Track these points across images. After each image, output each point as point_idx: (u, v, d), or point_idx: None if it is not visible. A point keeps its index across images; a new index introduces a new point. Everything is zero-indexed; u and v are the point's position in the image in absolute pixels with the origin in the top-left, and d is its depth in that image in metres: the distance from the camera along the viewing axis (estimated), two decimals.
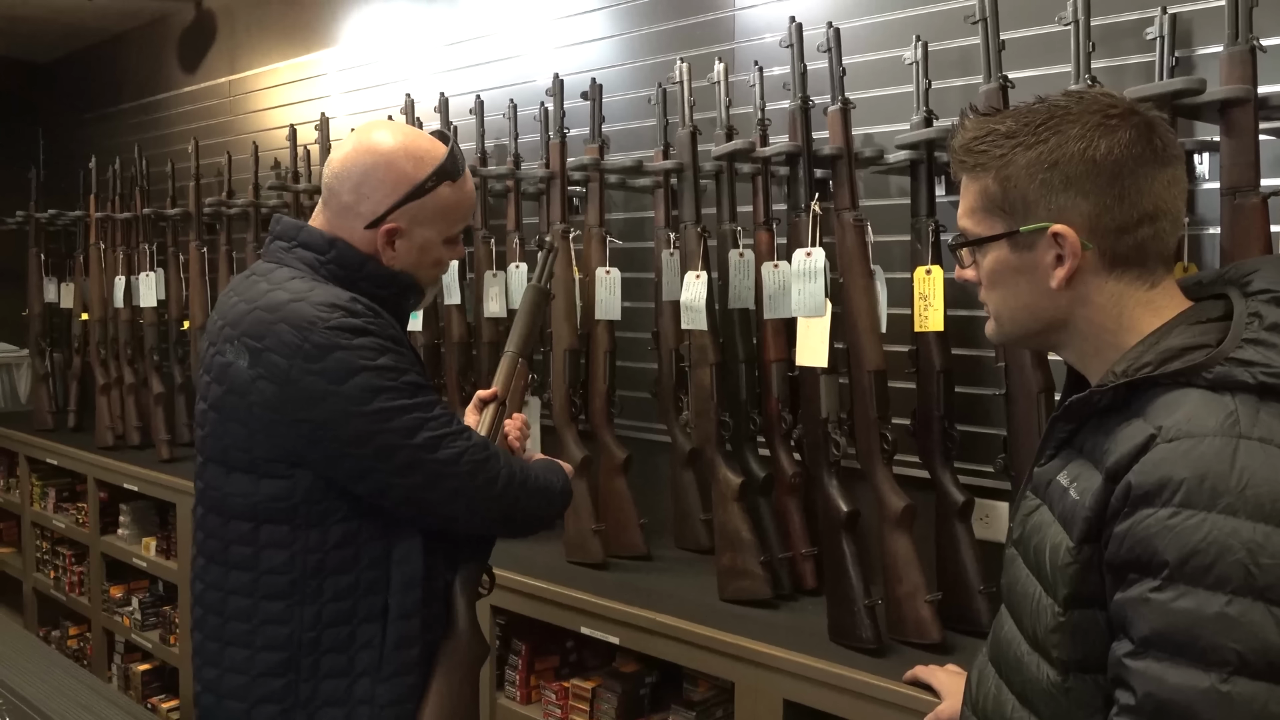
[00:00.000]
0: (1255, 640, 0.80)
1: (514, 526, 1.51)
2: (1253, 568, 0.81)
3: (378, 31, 3.37)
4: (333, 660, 1.36)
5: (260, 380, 1.31)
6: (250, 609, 1.36)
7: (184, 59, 4.27)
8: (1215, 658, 0.81)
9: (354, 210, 1.40)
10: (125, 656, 3.69)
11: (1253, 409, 0.87)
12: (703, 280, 2.03)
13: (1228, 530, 0.82)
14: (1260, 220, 1.40)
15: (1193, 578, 0.83)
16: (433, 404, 1.37)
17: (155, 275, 3.70)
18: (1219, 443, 0.85)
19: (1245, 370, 0.88)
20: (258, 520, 1.35)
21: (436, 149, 1.43)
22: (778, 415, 2.04)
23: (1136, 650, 0.86)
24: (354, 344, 1.30)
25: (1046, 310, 1.02)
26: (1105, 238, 0.97)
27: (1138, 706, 0.85)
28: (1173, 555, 0.84)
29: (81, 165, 4.25)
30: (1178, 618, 0.83)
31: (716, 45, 2.38)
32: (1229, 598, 0.81)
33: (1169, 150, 0.97)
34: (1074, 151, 0.96)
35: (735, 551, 1.99)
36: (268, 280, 1.38)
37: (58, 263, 4.40)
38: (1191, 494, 0.84)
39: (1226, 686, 0.81)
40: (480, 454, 1.39)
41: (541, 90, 2.51)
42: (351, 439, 1.31)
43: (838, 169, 1.88)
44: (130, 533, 3.64)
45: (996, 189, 1.00)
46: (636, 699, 2.13)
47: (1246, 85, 1.43)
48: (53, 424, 4.25)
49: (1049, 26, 1.76)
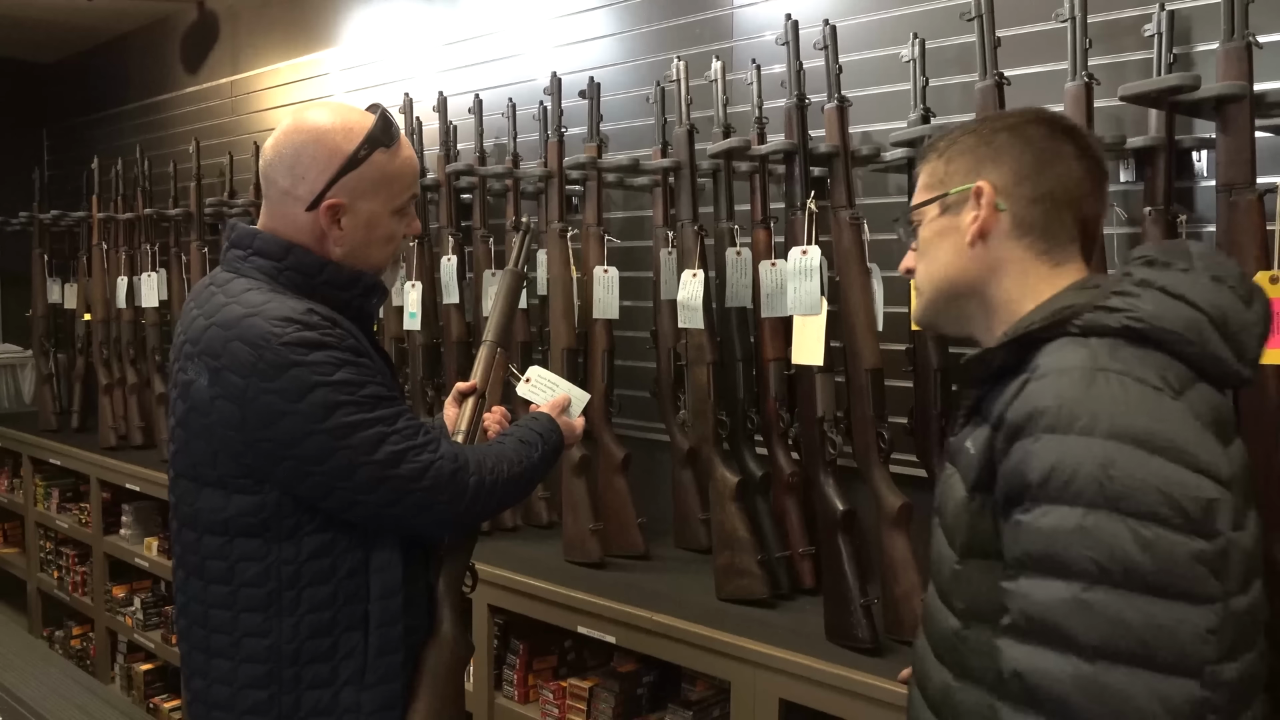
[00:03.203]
0: (1111, 549, 0.86)
1: (488, 518, 1.51)
2: (1105, 481, 0.87)
3: (379, 31, 3.37)
4: (316, 670, 1.34)
5: (219, 400, 1.29)
6: (230, 621, 1.34)
7: (186, 59, 4.28)
8: (1076, 569, 0.87)
9: (292, 195, 1.35)
10: (128, 656, 3.70)
11: (1113, 348, 0.94)
12: (700, 279, 2.02)
13: (1082, 448, 0.88)
14: (1256, 217, 1.39)
15: (1053, 495, 0.89)
16: (396, 416, 1.32)
17: (158, 275, 3.71)
18: (1078, 373, 0.92)
19: (1111, 316, 0.96)
20: (230, 534, 1.32)
21: (366, 119, 1.37)
22: (775, 414, 2.03)
23: (1012, 572, 0.92)
24: (309, 359, 1.26)
25: (962, 274, 1.09)
26: (1017, 202, 1.06)
27: (1013, 624, 0.91)
28: (1035, 476, 0.90)
29: (84, 166, 4.26)
30: (1042, 535, 0.89)
31: (714, 44, 2.38)
32: (1085, 510, 0.87)
33: (1084, 152, 1.08)
34: (1003, 130, 1.08)
35: (733, 551, 1.99)
36: (224, 292, 1.33)
37: (61, 264, 4.42)
38: (1052, 419, 0.91)
39: (1087, 595, 0.86)
40: (448, 466, 1.35)
41: (540, 89, 2.51)
42: (312, 457, 1.28)
43: (834, 167, 1.88)
44: (133, 533, 3.65)
45: (940, 165, 1.12)
46: (634, 698, 2.13)
47: (1242, 81, 1.42)
48: (56, 424, 4.26)
49: (1046, 23, 1.75)
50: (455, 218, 2.71)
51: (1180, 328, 0.94)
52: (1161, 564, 0.85)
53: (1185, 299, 0.96)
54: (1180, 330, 0.94)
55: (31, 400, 4.75)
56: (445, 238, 2.67)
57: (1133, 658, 0.85)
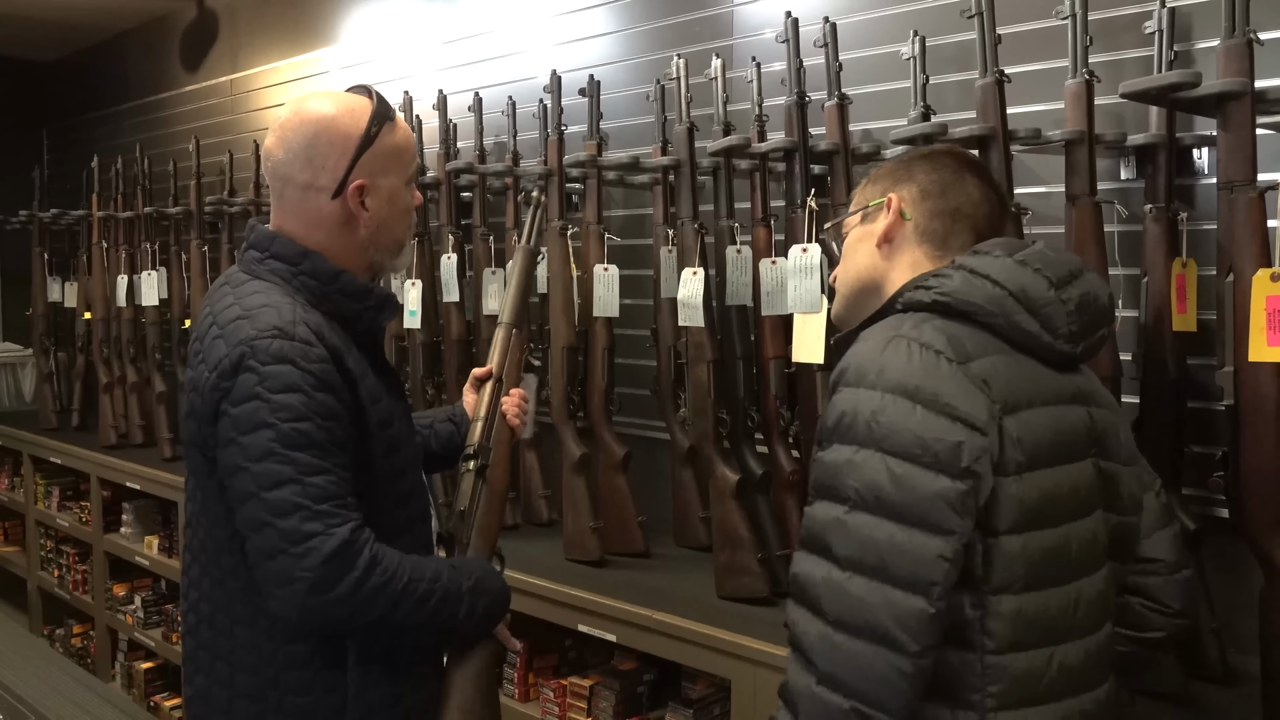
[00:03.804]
0: (868, 480, 1.04)
1: (361, 624, 1.29)
2: (873, 424, 1.04)
3: (378, 29, 3.37)
4: (295, 702, 1.31)
5: (191, 393, 1.31)
6: (228, 629, 1.34)
7: (186, 58, 4.28)
8: (842, 494, 1.06)
9: (314, 187, 1.34)
10: (129, 655, 3.70)
11: (920, 320, 1.10)
12: (700, 277, 2.02)
13: (864, 399, 1.06)
14: (1257, 214, 1.39)
15: (838, 435, 1.07)
16: (316, 469, 1.23)
17: (158, 274, 3.71)
18: (878, 340, 1.10)
19: (924, 293, 1.12)
20: (213, 542, 1.33)
21: (363, 99, 1.39)
22: (776, 412, 2.03)
23: (809, 499, 1.11)
24: (264, 370, 1.24)
25: (870, 271, 1.25)
26: (921, 214, 1.22)
27: (802, 539, 1.10)
28: (831, 420, 1.09)
29: (84, 165, 4.26)
30: (826, 467, 1.08)
31: (714, 41, 2.37)
32: (856, 448, 1.05)
33: (986, 184, 1.24)
34: (916, 154, 1.27)
35: (733, 549, 1.99)
36: (235, 294, 1.33)
37: (61, 262, 4.42)
38: (850, 375, 1.09)
39: (846, 517, 1.05)
40: (332, 547, 1.21)
41: (540, 87, 2.51)
42: (225, 466, 1.26)
43: (834, 165, 1.88)
44: (133, 531, 3.65)
45: (866, 188, 1.28)
46: (634, 697, 2.13)
47: (1243, 79, 1.42)
48: (56, 423, 4.26)
49: (1047, 20, 1.75)
50: (455, 216, 2.71)
51: (981, 300, 1.10)
52: (906, 495, 1.02)
53: (989, 277, 1.11)
54: (980, 303, 1.10)
55: (32, 399, 4.74)
56: (445, 236, 2.67)
57: (873, 571, 1.02)
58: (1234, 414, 1.42)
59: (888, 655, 1.01)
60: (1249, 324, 1.36)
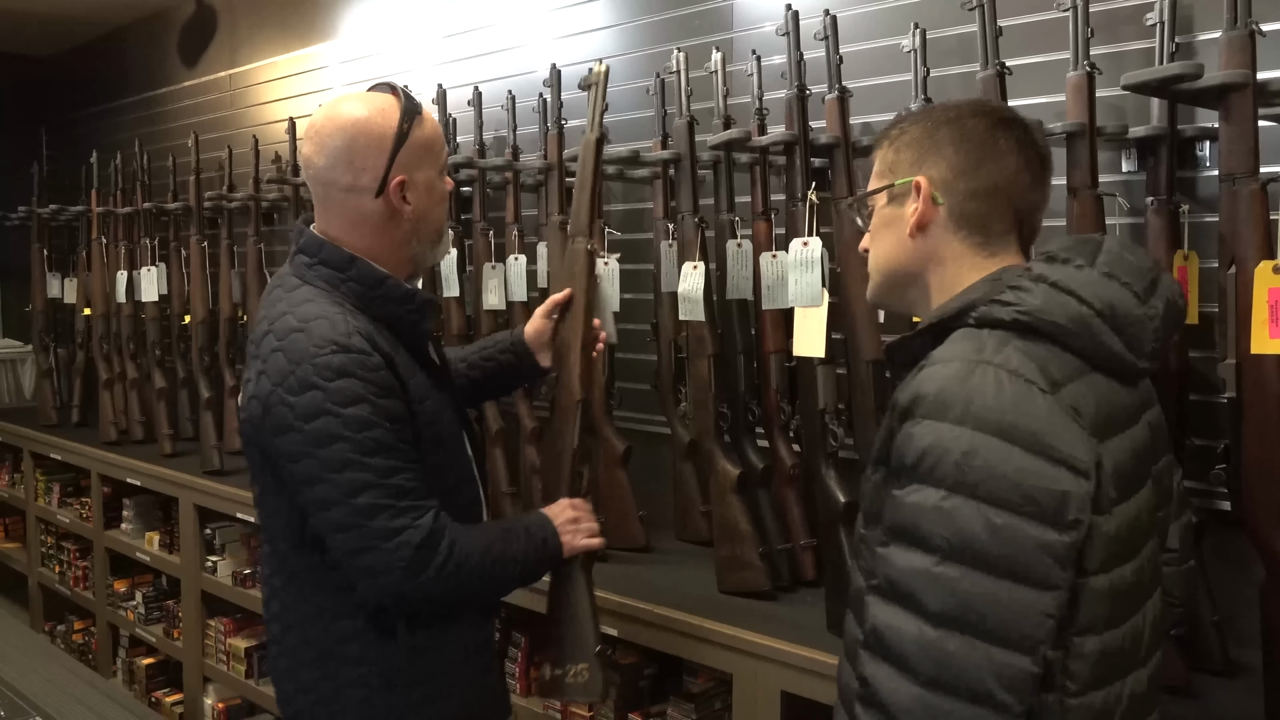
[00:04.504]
0: (962, 530, 0.94)
1: (447, 602, 1.44)
2: (965, 468, 0.94)
3: (377, 24, 3.36)
4: (349, 673, 1.42)
5: (253, 399, 1.37)
6: (294, 606, 1.47)
7: (184, 53, 4.27)
8: (931, 544, 0.96)
9: (357, 187, 1.40)
10: (130, 651, 3.70)
11: (1002, 341, 1.00)
12: (700, 271, 2.02)
13: (951, 436, 0.96)
14: (1259, 207, 1.39)
15: (922, 476, 0.97)
16: (392, 470, 1.33)
17: (157, 270, 3.70)
18: (960, 365, 0.99)
19: (1003, 309, 1.02)
20: (273, 532, 1.46)
21: (390, 97, 1.44)
22: (776, 406, 2.03)
23: (884, 540, 1.00)
24: (330, 386, 1.31)
25: (904, 263, 1.15)
26: (954, 196, 1.11)
27: (878, 585, 1.00)
28: (911, 458, 0.98)
29: (83, 160, 4.25)
30: (908, 510, 0.98)
31: (714, 35, 2.37)
32: (945, 493, 0.95)
33: (1025, 144, 1.11)
34: (945, 123, 1.12)
35: (734, 543, 1.99)
36: (287, 300, 1.41)
37: (60, 258, 4.42)
38: (931, 407, 0.98)
39: (938, 568, 0.95)
40: (417, 537, 1.34)
41: (540, 81, 2.50)
42: (302, 477, 1.34)
43: (835, 158, 1.87)
44: (134, 527, 3.65)
45: (890, 154, 1.16)
46: (636, 691, 2.13)
47: (1245, 70, 1.41)
48: (56, 419, 4.26)
49: (1048, 13, 1.74)
50: (455, 211, 2.70)
51: (1066, 321, 1.00)
52: (1006, 549, 0.93)
53: (1074, 294, 1.01)
54: (1065, 323, 1.00)
55: (32, 395, 4.75)
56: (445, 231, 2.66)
57: (972, 629, 0.93)
58: (1236, 407, 1.42)
59: (990, 718, 0.93)
60: (1251, 316, 1.35)
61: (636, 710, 2.11)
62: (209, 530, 3.22)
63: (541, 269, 2.46)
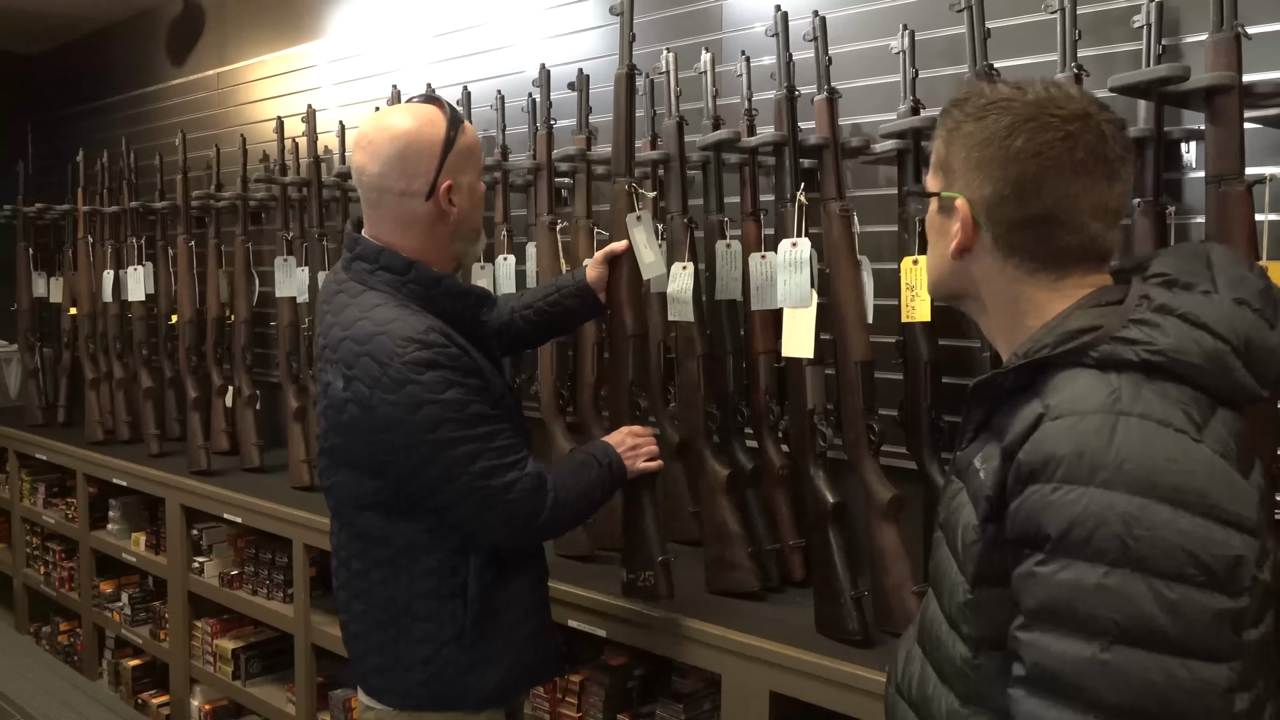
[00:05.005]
0: (1132, 609, 0.83)
1: (558, 534, 1.75)
2: (1128, 539, 0.83)
3: (366, 23, 3.35)
4: (423, 628, 1.58)
5: (349, 403, 1.51)
6: (364, 573, 1.61)
7: (172, 51, 4.25)
8: (1095, 627, 0.84)
9: (409, 192, 1.54)
10: (116, 652, 3.68)
11: (1135, 386, 0.89)
12: (689, 271, 2.02)
13: (1104, 504, 0.84)
14: (1245, 208, 1.40)
15: (1073, 550, 0.85)
16: (494, 434, 1.53)
17: (144, 269, 3.68)
18: (1099, 420, 0.88)
19: (1130, 349, 0.91)
20: (360, 506, 1.59)
21: (434, 108, 1.58)
22: (765, 407, 2.03)
23: (1026, 623, 0.89)
24: (423, 379, 1.47)
25: (950, 277, 1.07)
26: (998, 226, 1.01)
27: (1028, 677, 0.88)
28: (1054, 529, 0.86)
29: (69, 159, 4.23)
30: (1060, 589, 0.86)
31: (704, 36, 2.37)
32: (1106, 569, 0.84)
33: (1096, 163, 0.98)
34: (996, 138, 1.00)
35: (723, 544, 1.99)
36: (357, 306, 1.54)
37: (46, 257, 4.38)
38: (1071, 469, 0.87)
39: (1107, 655, 0.83)
40: (531, 482, 1.56)
41: (529, 81, 2.50)
42: (419, 461, 1.50)
43: (824, 159, 1.88)
44: (120, 528, 3.63)
45: (943, 151, 1.06)
46: (625, 691, 2.13)
47: (1231, 72, 1.42)
48: (42, 419, 4.24)
49: (1036, 15, 1.75)
50: None
51: (1201, 360, 0.90)
52: (1185, 625, 0.82)
53: (1208, 328, 0.91)
54: (1201, 363, 0.90)
55: (17, 395, 4.72)
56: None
57: (1150, 717, 0.83)
58: None
59: None
60: None
61: (625, 710, 2.11)
62: (196, 531, 3.21)
63: (530, 269, 2.45)
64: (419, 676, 1.59)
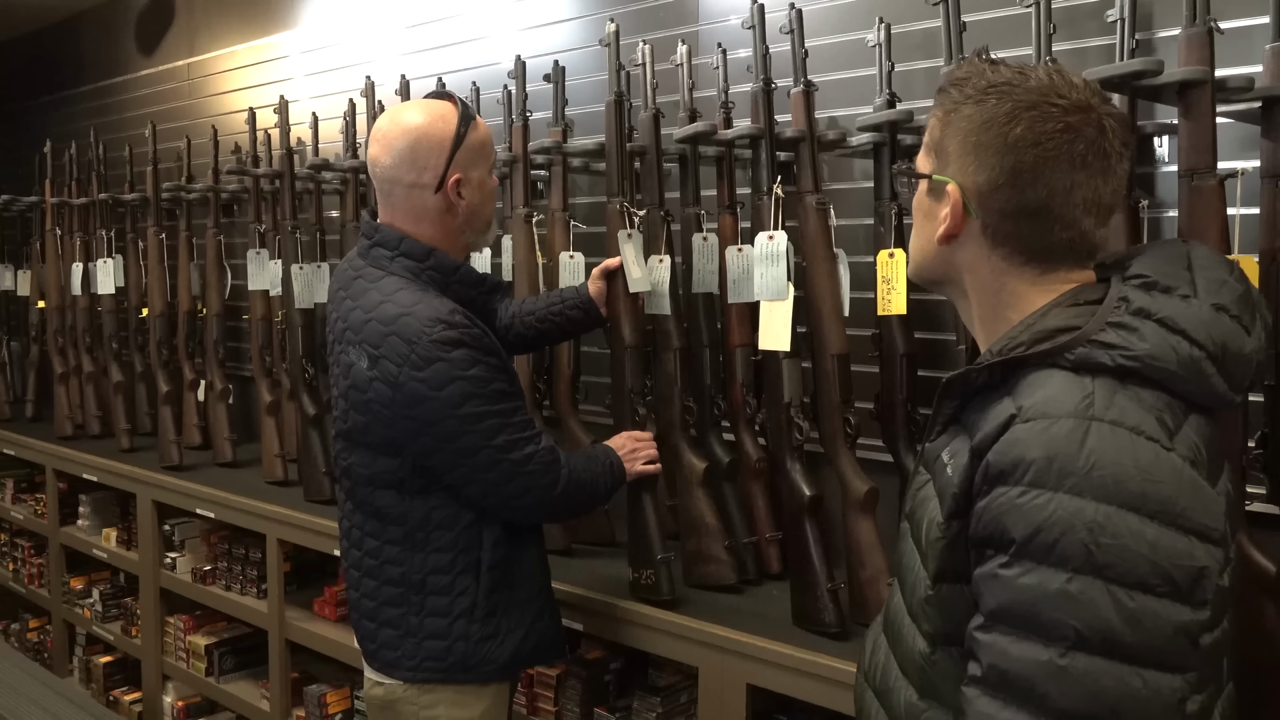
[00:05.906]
0: (1092, 617, 0.83)
1: (563, 518, 1.92)
2: (1093, 547, 0.83)
3: (339, 13, 3.32)
4: (436, 601, 1.64)
5: (376, 381, 1.57)
6: (377, 550, 1.67)
7: (142, 41, 4.19)
8: (1055, 633, 0.84)
9: (419, 184, 1.62)
10: (87, 649, 3.65)
11: (1109, 391, 0.89)
12: (666, 264, 2.01)
13: (1072, 510, 0.84)
14: (1217, 202, 1.40)
15: (1037, 555, 0.85)
16: (514, 410, 1.61)
17: (113, 262, 3.63)
18: (1070, 424, 0.87)
19: (1106, 353, 0.90)
20: (374, 486, 1.65)
21: (447, 104, 1.65)
22: (742, 400, 2.03)
23: (985, 623, 0.89)
24: (451, 356, 1.54)
25: (934, 262, 1.06)
26: (989, 214, 0.99)
27: (983, 677, 0.88)
28: (1020, 533, 0.86)
29: (37, 149, 4.16)
30: (1022, 593, 0.85)
31: (680, 28, 2.36)
32: (1070, 575, 0.83)
33: (1095, 158, 0.96)
34: (995, 123, 0.97)
35: (700, 537, 1.99)
36: (379, 290, 1.61)
37: (13, 250, 4.32)
38: (1040, 474, 0.86)
39: (1064, 660, 0.83)
40: (548, 457, 1.65)
41: (504, 73, 2.48)
42: (445, 435, 1.57)
43: (800, 152, 1.87)
44: (90, 524, 3.59)
45: (939, 132, 1.03)
46: (601, 685, 2.13)
47: (1204, 67, 1.43)
48: (10, 414, 4.19)
49: (1011, 9, 1.76)
50: None
51: (1177, 367, 0.90)
52: (1144, 635, 0.82)
53: (1186, 334, 0.90)
54: (1177, 370, 0.90)
55: None
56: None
57: None
58: None
59: None
60: None
61: (603, 704, 2.11)
62: (168, 526, 3.18)
63: (506, 262, 2.44)
64: (432, 650, 1.64)
